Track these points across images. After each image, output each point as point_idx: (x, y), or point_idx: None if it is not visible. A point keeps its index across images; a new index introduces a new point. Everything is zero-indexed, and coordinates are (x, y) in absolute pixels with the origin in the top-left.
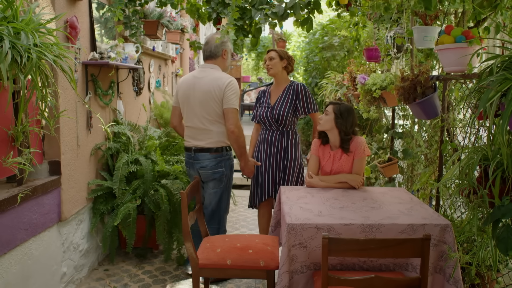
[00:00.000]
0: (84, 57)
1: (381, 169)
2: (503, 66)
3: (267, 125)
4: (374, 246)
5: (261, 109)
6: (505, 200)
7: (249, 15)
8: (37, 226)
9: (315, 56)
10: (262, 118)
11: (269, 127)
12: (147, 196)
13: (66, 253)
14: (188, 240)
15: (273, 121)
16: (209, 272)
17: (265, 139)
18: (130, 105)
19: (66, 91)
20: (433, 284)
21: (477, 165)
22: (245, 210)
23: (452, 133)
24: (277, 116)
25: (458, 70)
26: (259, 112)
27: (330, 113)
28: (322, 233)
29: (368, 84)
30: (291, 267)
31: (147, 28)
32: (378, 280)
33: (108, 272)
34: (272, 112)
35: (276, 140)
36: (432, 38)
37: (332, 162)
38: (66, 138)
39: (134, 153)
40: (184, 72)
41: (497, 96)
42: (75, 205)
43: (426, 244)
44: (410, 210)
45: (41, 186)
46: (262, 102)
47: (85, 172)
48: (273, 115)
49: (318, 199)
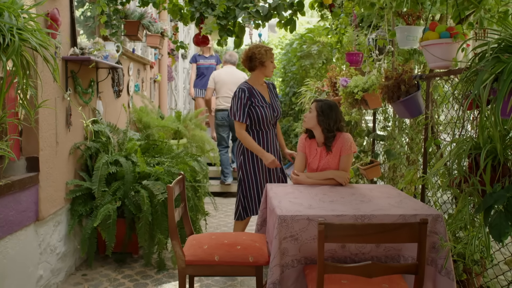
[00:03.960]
0: (64, 53)
1: (364, 172)
2: (496, 49)
3: (266, 125)
4: (371, 231)
5: (260, 108)
6: (496, 186)
7: (233, 14)
8: (14, 224)
9: (292, 66)
10: (266, 117)
11: (267, 128)
12: (128, 198)
13: (43, 255)
14: (174, 236)
15: (275, 120)
16: (195, 270)
17: (266, 143)
18: (109, 106)
19: (46, 86)
20: (425, 277)
21: (467, 155)
22: (225, 216)
23: (437, 130)
24: (279, 114)
25: (443, 65)
26: (260, 112)
27: (313, 111)
28: (315, 222)
29: (350, 86)
30: (282, 261)
31: (128, 28)
32: (375, 267)
33: (86, 277)
34: (276, 111)
35: (274, 142)
36: (415, 38)
37: (319, 158)
38: (45, 134)
39: (114, 154)
40: (163, 78)
41: (491, 78)
42: (53, 205)
43: (423, 229)
44: (399, 203)
45: (18, 182)
46: (256, 101)
47: (64, 171)
48: (277, 113)
49: (307, 194)
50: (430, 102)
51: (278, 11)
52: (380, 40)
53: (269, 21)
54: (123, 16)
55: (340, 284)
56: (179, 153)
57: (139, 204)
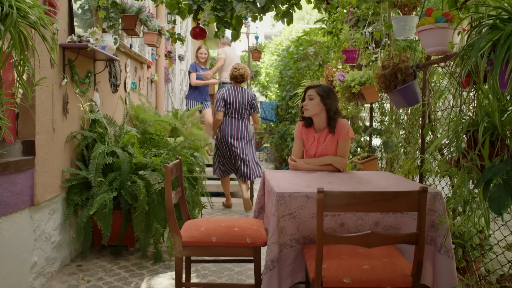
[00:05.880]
0: (62, 40)
1: (361, 166)
2: (493, 17)
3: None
4: (370, 199)
5: None
6: (495, 160)
7: (230, 6)
8: (8, 206)
9: (289, 70)
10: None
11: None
12: (124, 188)
13: (38, 241)
14: (171, 217)
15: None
16: (192, 251)
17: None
18: (106, 100)
19: (43, 71)
20: (425, 256)
21: (465, 131)
22: (222, 215)
23: (434, 115)
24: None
25: (439, 50)
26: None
27: (314, 97)
28: (313, 200)
29: (347, 80)
30: (280, 240)
31: (125, 22)
32: (375, 236)
33: (81, 267)
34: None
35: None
36: (411, 28)
37: (316, 145)
38: (41, 119)
39: (111, 145)
40: (160, 79)
41: (489, 45)
42: (49, 191)
43: (423, 197)
44: (398, 184)
45: (14, 163)
46: None
47: (60, 158)
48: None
49: (304, 177)
50: (427, 90)
51: (275, 4)
52: (377, 33)
53: (266, 28)
54: (121, 9)
55: (339, 259)
56: (176, 146)
57: (135, 195)
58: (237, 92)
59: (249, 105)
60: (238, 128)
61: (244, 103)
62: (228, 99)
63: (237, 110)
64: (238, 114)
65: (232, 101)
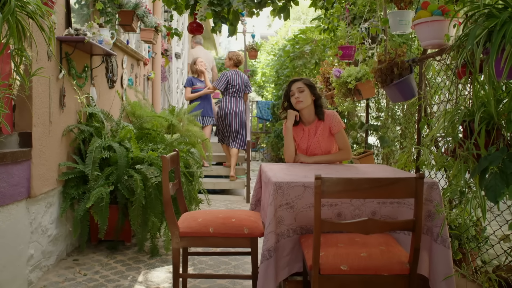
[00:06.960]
0: (59, 34)
1: (357, 161)
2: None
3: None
4: (368, 186)
5: None
6: (491, 149)
7: (227, 1)
8: (5, 197)
9: (285, 69)
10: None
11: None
12: (121, 182)
13: (34, 234)
14: (169, 208)
15: None
16: (190, 241)
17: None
18: (103, 96)
19: (40, 64)
20: (421, 246)
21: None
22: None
23: (431, 109)
24: None
25: (435, 43)
26: None
27: (304, 88)
28: (311, 189)
29: (343, 76)
30: (278, 230)
31: (122, 17)
32: (372, 223)
33: (78, 261)
34: None
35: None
36: (407, 22)
37: (307, 138)
38: (38, 111)
39: (108, 140)
40: (156, 76)
41: (484, 33)
42: (45, 184)
43: (420, 184)
44: (395, 175)
45: (10, 154)
46: None
47: (57, 151)
48: None
49: (302, 169)
50: (423, 84)
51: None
52: (373, 28)
53: (263, 29)
54: (118, 4)
55: (336, 247)
56: (172, 142)
57: (132, 189)
58: (237, 75)
59: (245, 86)
60: (236, 105)
61: (242, 84)
62: (231, 81)
63: (237, 90)
64: (237, 94)
65: (234, 83)
